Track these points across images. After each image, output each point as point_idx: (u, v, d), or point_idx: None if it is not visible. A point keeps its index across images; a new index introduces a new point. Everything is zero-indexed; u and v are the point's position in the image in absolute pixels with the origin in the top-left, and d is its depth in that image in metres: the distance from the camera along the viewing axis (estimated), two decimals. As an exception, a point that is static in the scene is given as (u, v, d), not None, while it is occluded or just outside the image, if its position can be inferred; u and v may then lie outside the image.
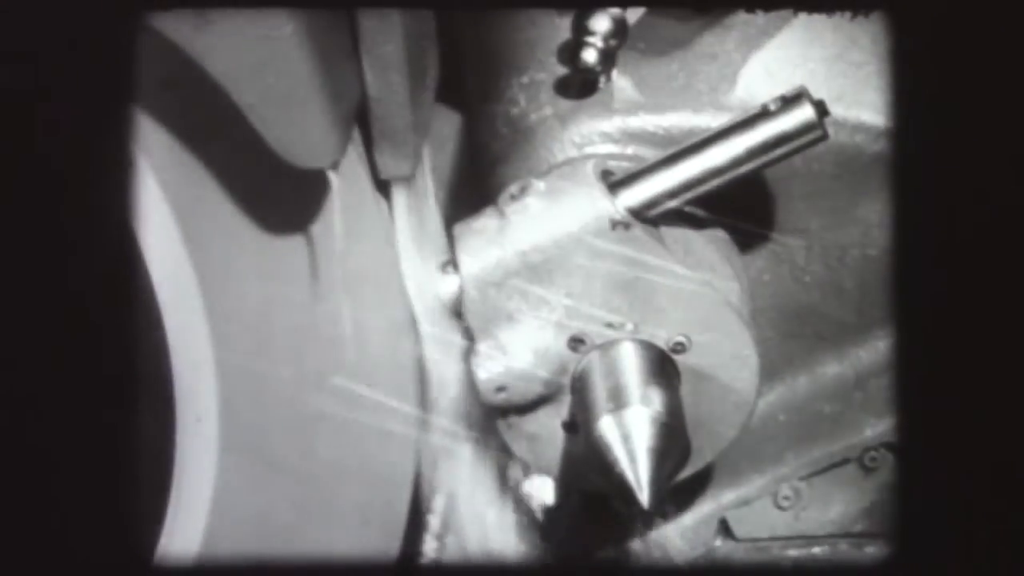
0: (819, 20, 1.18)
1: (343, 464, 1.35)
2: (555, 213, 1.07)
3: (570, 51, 1.17)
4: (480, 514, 1.38)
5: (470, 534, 1.38)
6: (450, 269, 1.09)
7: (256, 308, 1.29)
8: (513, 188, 1.10)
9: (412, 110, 1.24)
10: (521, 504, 1.35)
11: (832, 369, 1.29)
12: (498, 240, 1.07)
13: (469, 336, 1.10)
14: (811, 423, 1.30)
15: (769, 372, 1.25)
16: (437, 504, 1.40)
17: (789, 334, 1.27)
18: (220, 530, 1.26)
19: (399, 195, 1.35)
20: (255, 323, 1.29)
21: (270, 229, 1.28)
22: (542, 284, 1.07)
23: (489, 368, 1.09)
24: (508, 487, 1.36)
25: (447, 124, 1.49)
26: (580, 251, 1.06)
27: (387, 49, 1.19)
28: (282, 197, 1.27)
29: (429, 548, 1.41)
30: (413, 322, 1.38)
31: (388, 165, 1.29)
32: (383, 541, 1.40)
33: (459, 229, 1.10)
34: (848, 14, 1.18)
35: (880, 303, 1.22)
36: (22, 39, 1.02)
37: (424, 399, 1.38)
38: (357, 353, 1.34)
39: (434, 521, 1.40)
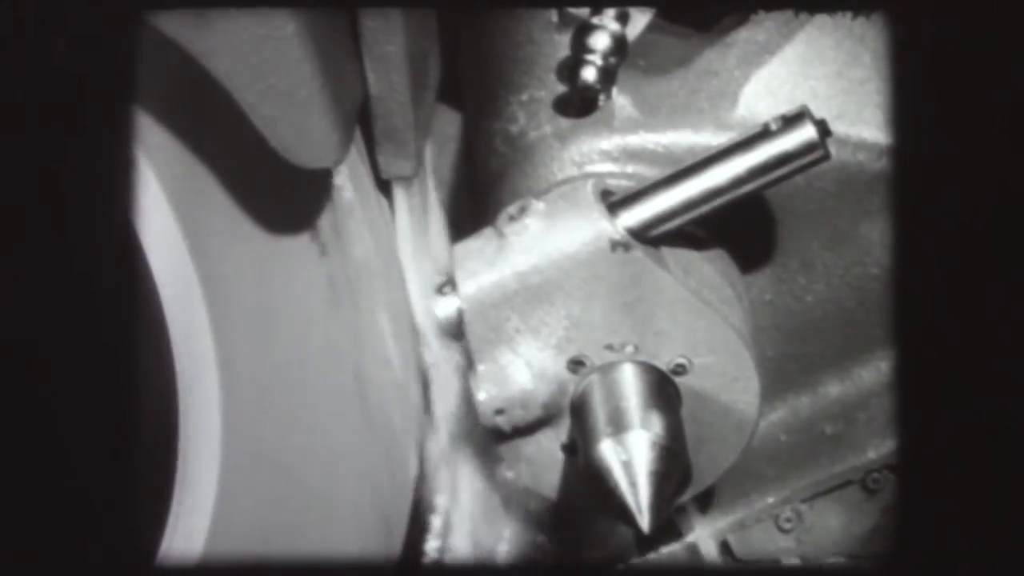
0: (820, 37, 1.18)
1: (345, 464, 1.35)
2: (554, 234, 1.06)
3: (569, 69, 1.17)
4: (482, 514, 1.38)
5: (472, 534, 1.38)
6: (448, 290, 1.08)
7: (259, 308, 1.29)
8: (512, 209, 1.09)
9: (414, 110, 1.24)
10: (522, 505, 1.35)
11: (834, 389, 1.28)
12: (497, 261, 1.07)
13: (468, 358, 1.10)
14: (813, 444, 1.29)
15: (771, 392, 1.25)
16: (439, 504, 1.39)
17: (791, 354, 1.26)
18: (223, 530, 1.26)
19: (400, 195, 1.35)
20: (258, 323, 1.29)
21: (272, 229, 1.28)
22: (541, 306, 1.07)
23: (488, 390, 1.09)
24: (509, 488, 1.36)
25: (449, 124, 1.49)
26: (580, 272, 1.06)
27: (389, 49, 1.19)
28: (284, 197, 1.27)
29: (431, 548, 1.40)
30: (414, 321, 1.38)
31: (390, 165, 1.29)
32: (385, 541, 1.40)
33: (458, 250, 1.09)
34: (849, 27, 1.17)
35: (882, 322, 1.22)
36: (23, 39, 1.02)
37: (426, 398, 1.38)
38: (359, 352, 1.34)
39: (436, 521, 1.40)
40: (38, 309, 1.05)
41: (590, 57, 1.15)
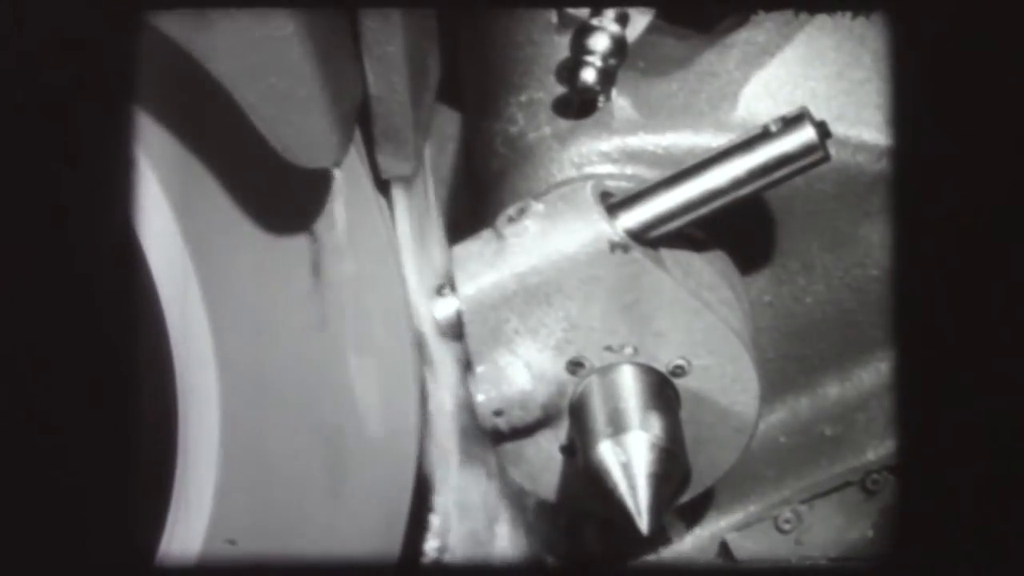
0: (820, 38, 1.17)
1: (344, 464, 1.35)
2: (553, 236, 1.06)
3: (569, 70, 1.17)
4: (482, 514, 1.37)
5: (472, 534, 1.38)
6: (447, 291, 1.08)
7: (257, 308, 1.29)
8: (511, 210, 1.09)
9: (413, 110, 1.24)
10: (522, 505, 1.34)
11: (834, 390, 1.28)
12: (496, 263, 1.06)
13: (467, 359, 1.09)
14: (813, 445, 1.29)
15: (770, 394, 1.25)
16: (439, 503, 1.39)
17: (790, 355, 1.26)
18: (222, 530, 1.26)
19: (399, 195, 1.35)
20: (256, 322, 1.29)
21: (271, 228, 1.28)
22: (540, 307, 1.07)
23: (487, 391, 1.08)
24: (508, 488, 1.35)
25: (449, 124, 1.49)
26: (579, 274, 1.06)
27: (388, 49, 1.19)
28: (283, 196, 1.27)
29: (431, 548, 1.40)
30: (412, 320, 1.37)
31: (389, 165, 1.29)
32: (384, 541, 1.40)
33: (457, 251, 1.09)
34: (849, 28, 1.17)
35: (882, 324, 1.21)
36: (23, 39, 1.02)
37: (425, 397, 1.38)
38: (358, 352, 1.34)
39: (436, 521, 1.40)
40: (38, 309, 1.05)
41: (590, 58, 1.15)
